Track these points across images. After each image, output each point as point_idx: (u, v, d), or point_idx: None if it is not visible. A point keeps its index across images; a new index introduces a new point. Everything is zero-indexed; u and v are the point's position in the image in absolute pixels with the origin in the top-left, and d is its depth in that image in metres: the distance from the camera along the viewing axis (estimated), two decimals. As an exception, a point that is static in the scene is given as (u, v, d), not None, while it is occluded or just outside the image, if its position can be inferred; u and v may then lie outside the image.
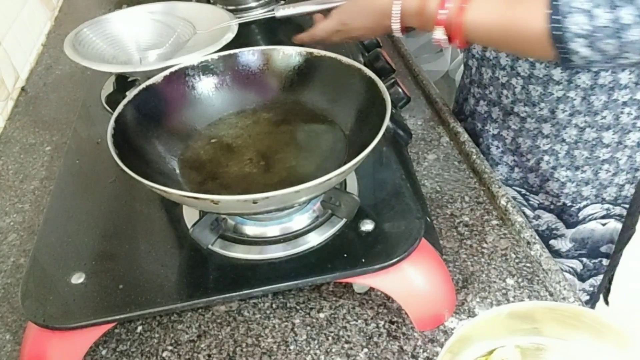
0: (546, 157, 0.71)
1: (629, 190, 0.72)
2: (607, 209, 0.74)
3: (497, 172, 0.77)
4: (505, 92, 0.70)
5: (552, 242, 0.78)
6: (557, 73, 0.64)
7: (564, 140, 0.69)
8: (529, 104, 0.68)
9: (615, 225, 0.75)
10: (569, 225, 0.75)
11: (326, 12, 0.67)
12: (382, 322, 0.50)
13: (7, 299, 0.56)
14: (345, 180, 0.54)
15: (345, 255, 0.47)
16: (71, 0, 1.19)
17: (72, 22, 1.09)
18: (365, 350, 0.48)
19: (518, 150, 0.73)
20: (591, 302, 0.84)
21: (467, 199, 0.62)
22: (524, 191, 0.77)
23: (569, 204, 0.73)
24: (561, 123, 0.67)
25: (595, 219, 0.74)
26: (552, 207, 0.75)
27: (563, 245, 0.77)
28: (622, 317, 0.41)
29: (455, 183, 0.65)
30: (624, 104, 0.64)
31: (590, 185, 0.71)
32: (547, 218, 0.76)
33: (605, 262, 0.79)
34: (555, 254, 0.78)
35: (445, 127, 0.73)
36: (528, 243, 0.56)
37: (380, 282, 0.48)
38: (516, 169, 0.76)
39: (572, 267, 0.79)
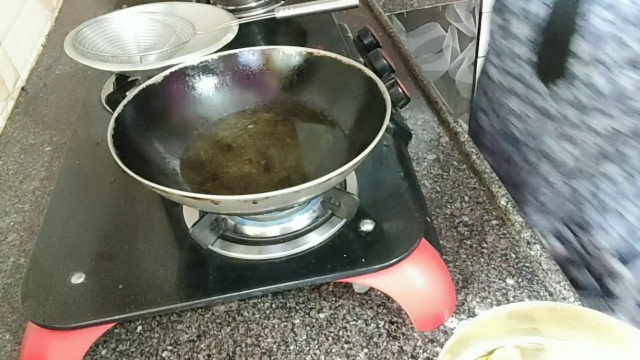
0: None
1: None
2: None
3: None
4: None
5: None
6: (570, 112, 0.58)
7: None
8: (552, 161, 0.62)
9: None
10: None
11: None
12: (382, 323, 0.50)
13: (7, 299, 0.56)
14: (345, 180, 0.54)
15: (345, 255, 0.47)
16: (71, 0, 1.19)
17: (72, 22, 1.09)
18: (365, 350, 0.48)
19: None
20: None
21: (466, 199, 0.62)
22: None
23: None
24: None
25: None
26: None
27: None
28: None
29: (455, 183, 0.65)
30: None
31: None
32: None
33: None
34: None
35: (445, 127, 0.73)
36: (528, 243, 0.56)
37: (380, 282, 0.48)
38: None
39: None
